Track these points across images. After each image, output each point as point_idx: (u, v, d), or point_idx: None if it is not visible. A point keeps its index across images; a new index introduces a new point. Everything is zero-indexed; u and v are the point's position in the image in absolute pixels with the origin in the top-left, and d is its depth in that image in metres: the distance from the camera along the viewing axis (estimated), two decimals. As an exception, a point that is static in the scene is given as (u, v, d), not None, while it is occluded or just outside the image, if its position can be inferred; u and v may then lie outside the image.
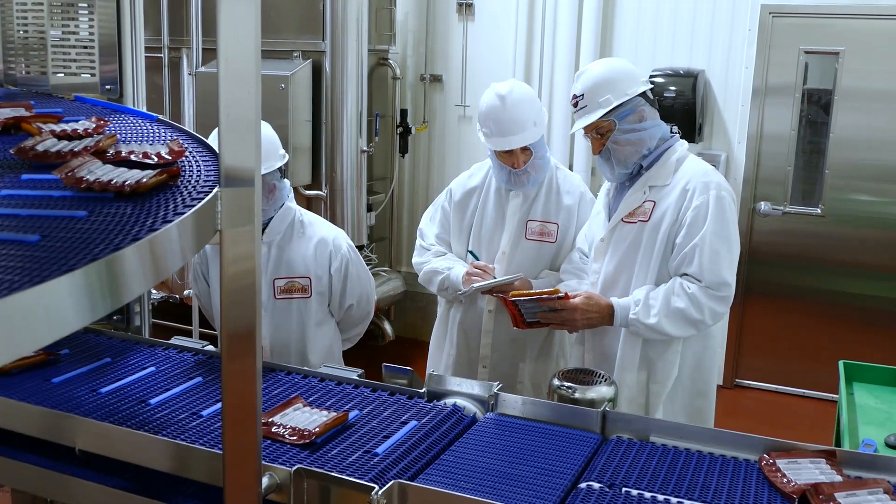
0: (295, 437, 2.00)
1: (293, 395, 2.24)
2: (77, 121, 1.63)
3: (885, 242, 5.17)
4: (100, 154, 1.39)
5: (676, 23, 5.36)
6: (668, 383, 2.82)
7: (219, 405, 2.22)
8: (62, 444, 2.07)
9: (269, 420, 2.07)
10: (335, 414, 2.12)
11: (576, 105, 2.83)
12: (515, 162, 3.05)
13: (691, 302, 2.66)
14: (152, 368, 2.50)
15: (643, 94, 2.80)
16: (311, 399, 2.31)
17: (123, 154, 1.40)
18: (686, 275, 2.70)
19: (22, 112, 1.68)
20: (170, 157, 1.40)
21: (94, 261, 0.93)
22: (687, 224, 2.70)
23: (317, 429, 2.03)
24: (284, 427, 2.04)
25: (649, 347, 2.82)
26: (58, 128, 1.53)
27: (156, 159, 1.38)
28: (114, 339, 2.73)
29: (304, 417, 2.10)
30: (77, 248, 0.97)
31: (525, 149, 3.03)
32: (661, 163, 2.81)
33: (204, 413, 2.19)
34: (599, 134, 2.81)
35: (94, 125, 1.57)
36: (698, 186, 2.72)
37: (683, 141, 2.88)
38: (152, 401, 2.26)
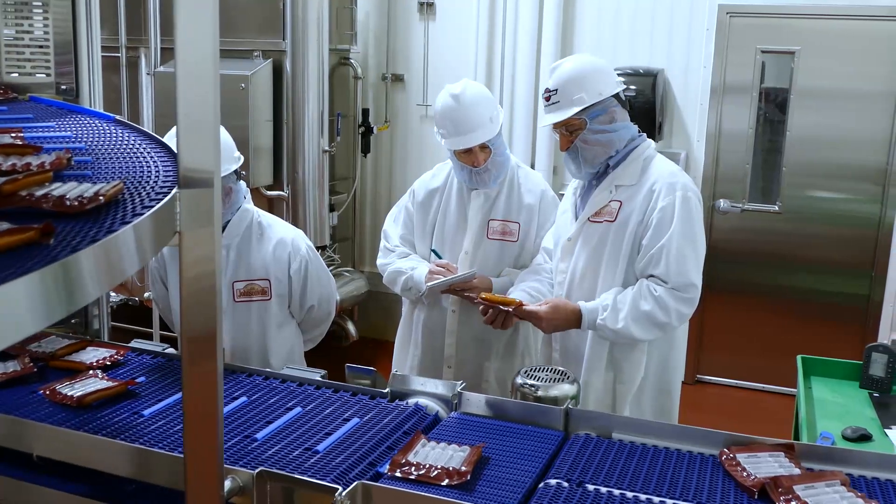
0: (455, 479, 1.88)
1: (414, 433, 2.11)
2: (50, 152, 1.38)
3: (842, 238, 5.26)
4: (6, 197, 1.14)
5: (636, 22, 5.41)
6: (634, 383, 2.82)
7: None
8: (19, 451, 2.03)
9: (405, 459, 1.94)
10: (468, 447, 2.02)
11: (548, 99, 2.79)
12: (475, 160, 3.04)
13: (658, 304, 2.66)
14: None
15: (616, 95, 2.78)
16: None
17: (37, 197, 1.16)
18: (653, 276, 2.70)
19: (6, 139, 1.45)
20: (86, 200, 1.16)
21: (48, 264, 0.90)
22: (653, 225, 2.70)
23: (464, 468, 1.91)
24: (426, 467, 1.91)
25: (616, 348, 2.82)
26: (7, 162, 1.29)
27: (71, 203, 1.15)
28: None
29: (436, 454, 1.99)
30: None
31: (484, 146, 3.03)
32: (627, 162, 2.80)
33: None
34: (569, 131, 2.78)
35: (53, 159, 1.33)
36: (664, 187, 2.71)
37: (650, 141, 2.87)
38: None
